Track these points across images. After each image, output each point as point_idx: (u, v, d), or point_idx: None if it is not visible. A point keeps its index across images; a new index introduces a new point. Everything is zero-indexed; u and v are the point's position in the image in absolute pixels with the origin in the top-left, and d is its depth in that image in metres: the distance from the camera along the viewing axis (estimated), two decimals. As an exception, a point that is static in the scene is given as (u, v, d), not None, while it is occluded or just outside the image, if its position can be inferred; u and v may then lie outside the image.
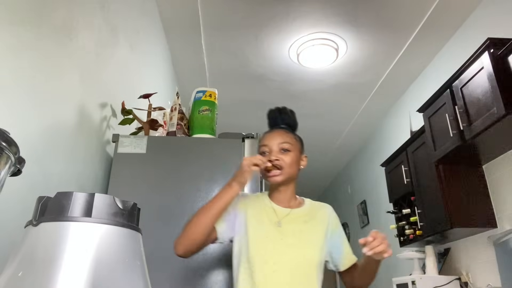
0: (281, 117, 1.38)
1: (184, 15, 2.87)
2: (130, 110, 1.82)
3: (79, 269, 0.46)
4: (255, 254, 1.19)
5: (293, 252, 1.21)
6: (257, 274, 1.17)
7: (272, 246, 1.21)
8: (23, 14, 1.08)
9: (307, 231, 1.27)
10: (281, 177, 1.26)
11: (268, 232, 1.23)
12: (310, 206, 1.36)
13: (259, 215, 1.28)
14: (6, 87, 1.00)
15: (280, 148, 1.29)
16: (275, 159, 1.26)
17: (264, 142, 1.33)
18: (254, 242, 1.21)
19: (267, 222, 1.26)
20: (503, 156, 2.43)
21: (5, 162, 0.58)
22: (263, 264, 1.18)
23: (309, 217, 1.31)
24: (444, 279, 2.71)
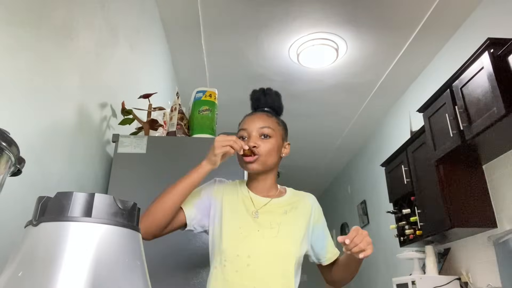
0: (265, 99, 1.27)
1: (184, 15, 2.87)
2: (130, 110, 1.82)
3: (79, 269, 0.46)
4: (227, 246, 1.10)
5: (270, 245, 1.11)
6: (228, 269, 1.08)
7: (247, 238, 1.11)
8: (23, 14, 1.08)
9: (287, 223, 1.17)
10: (257, 165, 1.16)
11: (243, 222, 1.14)
12: (292, 195, 1.26)
13: (235, 204, 1.18)
14: (6, 87, 1.00)
15: (260, 133, 1.18)
16: (252, 145, 1.15)
17: (243, 125, 1.21)
18: (228, 233, 1.11)
19: (243, 212, 1.16)
20: (503, 156, 2.43)
21: (5, 162, 0.58)
22: (235, 258, 1.08)
23: (290, 207, 1.21)
24: (444, 279, 2.71)
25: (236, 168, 1.28)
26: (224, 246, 1.10)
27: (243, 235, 1.11)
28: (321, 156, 5.46)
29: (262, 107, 1.26)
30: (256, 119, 1.21)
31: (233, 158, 1.20)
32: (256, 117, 1.22)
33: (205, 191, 1.19)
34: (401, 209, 3.16)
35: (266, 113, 1.23)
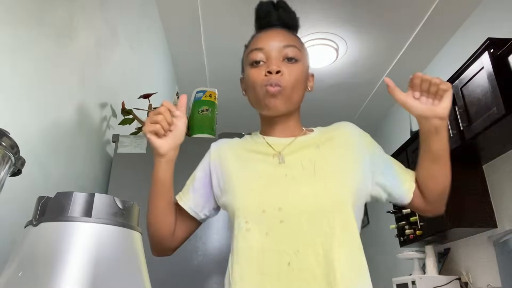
0: (277, 14, 0.93)
1: (184, 15, 2.87)
2: (130, 110, 1.82)
3: (79, 269, 0.46)
4: (248, 201, 0.82)
5: (308, 190, 0.81)
6: (255, 233, 0.78)
7: (272, 186, 0.82)
8: (23, 14, 1.08)
9: (324, 158, 0.86)
10: (282, 101, 0.85)
11: (263, 169, 0.86)
12: (322, 131, 0.96)
13: (245, 155, 0.90)
14: (6, 87, 1.00)
15: (284, 55, 0.86)
16: (276, 69, 0.84)
17: (257, 43, 0.88)
18: (244, 186, 0.84)
19: (260, 159, 0.88)
20: (503, 156, 2.43)
21: (5, 162, 0.58)
22: (261, 215, 0.79)
23: (323, 139, 0.91)
24: (444, 279, 2.71)
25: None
26: (244, 202, 0.82)
27: (266, 184, 0.83)
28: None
29: (275, 24, 0.93)
30: (276, 35, 0.88)
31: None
32: (276, 32, 0.90)
33: (200, 168, 0.96)
34: (401, 209, 3.16)
35: (286, 30, 0.92)
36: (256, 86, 0.86)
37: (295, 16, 0.96)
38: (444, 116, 0.87)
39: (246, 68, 0.91)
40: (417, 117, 0.91)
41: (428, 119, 0.89)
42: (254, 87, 0.86)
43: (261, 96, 0.86)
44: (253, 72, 0.87)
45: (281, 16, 0.93)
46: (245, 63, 0.92)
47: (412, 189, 0.93)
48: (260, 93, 0.85)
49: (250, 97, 0.91)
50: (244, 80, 0.94)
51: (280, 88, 0.84)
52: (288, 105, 0.88)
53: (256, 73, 0.86)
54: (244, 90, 0.96)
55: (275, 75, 0.84)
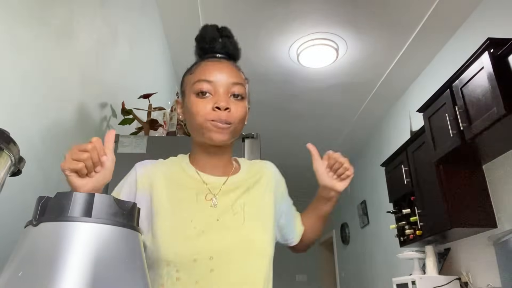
0: (223, 42, 0.93)
1: (184, 15, 2.87)
2: (130, 110, 1.82)
3: (79, 269, 0.46)
4: (179, 250, 0.77)
5: (237, 237, 0.82)
6: (184, 282, 0.76)
7: (205, 234, 0.79)
8: (23, 14, 1.08)
9: (252, 203, 0.88)
10: (228, 135, 0.85)
11: (196, 212, 0.82)
12: (249, 166, 0.96)
13: (177, 190, 0.85)
14: (6, 87, 1.00)
15: (231, 91, 0.86)
16: (225, 106, 0.83)
17: (206, 75, 0.86)
18: (175, 232, 0.79)
19: (193, 198, 0.84)
20: (503, 156, 2.43)
21: (5, 162, 0.58)
22: (192, 264, 0.77)
23: (251, 181, 0.92)
24: (444, 279, 2.71)
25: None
26: (176, 250, 0.77)
27: (199, 230, 0.80)
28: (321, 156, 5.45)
29: (218, 52, 0.92)
30: (225, 70, 0.87)
31: None
32: (224, 66, 0.88)
33: (125, 191, 0.88)
34: (401, 209, 3.16)
35: (232, 63, 0.92)
36: (200, 117, 0.84)
37: (238, 47, 0.97)
38: (340, 192, 0.98)
39: (189, 95, 0.88)
40: (321, 185, 0.98)
41: (327, 190, 0.97)
42: (197, 117, 0.85)
43: (204, 128, 0.85)
44: (199, 102, 0.85)
45: (226, 45, 0.93)
46: (187, 89, 0.89)
47: (301, 232, 1.02)
48: (204, 125, 0.84)
49: (191, 124, 0.89)
50: (183, 105, 0.92)
51: (229, 125, 0.85)
52: (231, 139, 0.88)
53: (202, 104, 0.85)
54: (181, 113, 0.94)
55: (224, 112, 0.84)
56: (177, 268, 0.77)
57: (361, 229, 5.07)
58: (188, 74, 0.92)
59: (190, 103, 0.87)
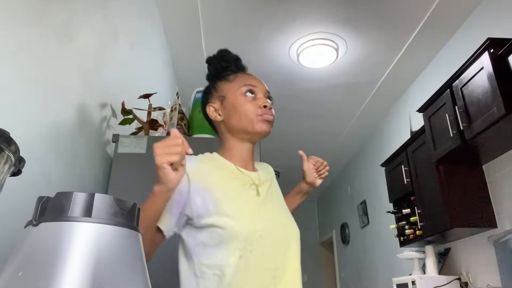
0: (239, 61, 1.16)
1: (184, 15, 2.87)
2: (130, 110, 1.82)
3: (79, 269, 0.46)
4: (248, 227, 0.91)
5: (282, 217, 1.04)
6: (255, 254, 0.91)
7: (260, 214, 0.97)
8: (23, 14, 1.08)
9: (278, 193, 1.12)
10: (271, 128, 1.05)
11: (250, 199, 0.99)
12: (260, 166, 1.16)
13: (229, 182, 0.99)
14: (6, 87, 1.00)
15: (267, 96, 1.08)
16: (270, 106, 1.05)
17: (249, 81, 1.07)
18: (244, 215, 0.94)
19: (242, 188, 1.00)
20: (503, 156, 2.43)
21: (5, 162, 0.58)
22: (259, 238, 0.92)
23: (270, 177, 1.12)
24: (444, 279, 2.71)
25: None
26: (248, 228, 0.91)
27: (255, 211, 0.97)
28: (321, 156, 5.34)
29: (243, 69, 1.15)
30: (259, 80, 1.10)
31: None
32: (257, 78, 1.12)
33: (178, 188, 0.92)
34: (401, 209, 3.16)
35: None
36: (250, 113, 1.02)
37: None
38: (316, 187, 1.29)
39: (234, 96, 1.05)
40: (306, 182, 1.26)
41: (308, 185, 1.27)
42: (249, 113, 1.02)
43: (255, 122, 1.02)
44: (247, 100, 1.04)
45: (242, 64, 1.17)
46: (231, 93, 1.06)
47: None
48: (254, 119, 1.02)
49: (239, 120, 1.03)
50: (222, 107, 1.07)
51: (273, 118, 1.05)
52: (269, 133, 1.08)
53: (251, 103, 1.03)
54: (219, 115, 1.07)
55: (269, 110, 1.05)
56: (250, 242, 0.91)
57: (361, 229, 5.07)
58: (225, 82, 1.09)
59: (238, 103, 1.04)
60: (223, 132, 1.08)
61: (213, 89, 1.10)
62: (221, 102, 1.07)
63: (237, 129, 1.04)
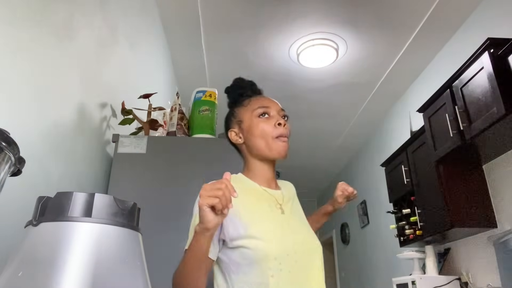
0: (255, 86, 1.23)
1: (184, 15, 2.87)
2: (130, 110, 1.82)
3: (79, 269, 0.46)
4: (277, 247, 0.97)
5: (305, 237, 1.07)
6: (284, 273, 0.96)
7: (285, 234, 1.02)
8: (23, 14, 1.08)
9: (300, 212, 1.16)
10: (288, 147, 1.10)
11: (276, 219, 1.04)
12: (281, 184, 1.21)
13: (253, 205, 1.04)
14: (6, 87, 1.00)
15: (282, 114, 1.13)
16: (284, 123, 1.09)
17: (262, 103, 1.13)
18: (273, 235, 0.99)
19: (268, 209, 1.06)
20: (503, 156, 2.43)
21: (5, 162, 0.58)
22: (286, 257, 0.98)
23: (291, 195, 1.18)
24: (444, 279, 2.71)
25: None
26: (276, 246, 0.97)
27: (282, 231, 1.02)
28: (321, 156, 5.46)
29: (259, 93, 1.22)
30: (273, 101, 1.15)
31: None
32: (271, 99, 1.16)
33: None
34: (401, 209, 3.16)
35: None
36: (267, 135, 1.08)
37: None
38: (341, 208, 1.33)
39: (250, 119, 1.11)
40: (334, 207, 1.31)
41: (333, 208, 1.31)
42: (264, 136, 1.08)
43: (272, 144, 1.08)
44: (262, 121, 1.10)
45: (258, 88, 1.23)
46: (247, 116, 1.12)
47: None
48: (270, 141, 1.08)
49: (258, 143, 1.09)
50: (241, 130, 1.13)
51: (287, 139, 1.10)
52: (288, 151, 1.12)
53: (265, 123, 1.09)
54: (240, 138, 1.14)
55: (283, 127, 1.09)
56: (279, 261, 0.96)
57: (361, 229, 5.07)
58: (241, 107, 1.16)
59: (254, 125, 1.11)
60: (245, 153, 1.15)
61: (232, 116, 1.18)
62: (239, 126, 1.14)
63: (256, 150, 1.10)
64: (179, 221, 1.53)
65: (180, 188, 1.60)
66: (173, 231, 1.50)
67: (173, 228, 1.51)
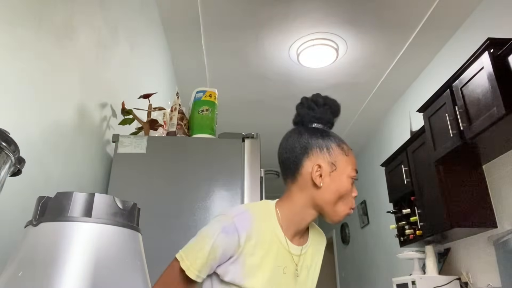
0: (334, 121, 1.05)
1: (184, 15, 2.87)
2: (130, 110, 1.82)
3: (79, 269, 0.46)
4: None
5: None
6: None
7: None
8: (23, 14, 1.08)
9: (315, 272, 1.05)
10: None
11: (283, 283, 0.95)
12: (312, 236, 1.07)
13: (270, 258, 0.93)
14: (6, 87, 1.00)
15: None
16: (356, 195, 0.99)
17: (355, 165, 0.98)
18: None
19: (280, 269, 0.94)
20: (503, 156, 2.43)
21: (5, 162, 0.58)
22: None
23: (315, 250, 1.06)
24: (444, 279, 2.71)
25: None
26: None
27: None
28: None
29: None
30: None
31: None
32: None
33: (221, 249, 0.89)
34: (401, 209, 3.16)
35: None
36: (347, 198, 0.95)
37: None
38: None
39: (342, 174, 0.95)
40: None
41: None
42: (344, 197, 0.94)
43: (342, 211, 0.95)
44: (351, 187, 0.96)
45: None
46: (342, 167, 0.95)
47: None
48: (342, 207, 0.95)
49: (331, 199, 0.94)
50: (327, 174, 0.95)
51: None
52: None
53: (352, 188, 0.96)
54: (320, 178, 0.94)
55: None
56: None
57: (361, 229, 5.07)
58: (340, 150, 0.97)
59: (344, 185, 0.94)
60: (305, 194, 0.96)
61: (325, 148, 0.96)
62: (330, 169, 0.95)
63: (324, 202, 0.94)
64: (179, 221, 1.53)
65: (180, 188, 1.60)
66: (173, 231, 1.50)
67: (173, 228, 1.51)
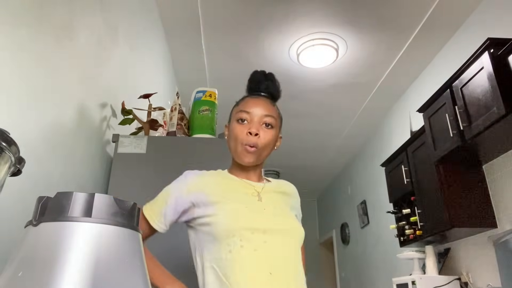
0: (266, 84, 1.17)
1: (184, 15, 2.87)
2: (130, 110, 1.82)
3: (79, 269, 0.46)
4: (243, 223, 1.00)
5: (281, 223, 1.06)
6: (246, 249, 0.98)
7: (257, 214, 1.04)
8: (23, 14, 1.08)
9: (286, 205, 1.14)
10: (254, 158, 1.08)
11: (248, 202, 1.06)
12: (277, 182, 1.21)
13: (229, 189, 1.08)
14: (6, 87, 1.00)
15: (263, 121, 1.09)
16: (255, 132, 1.06)
17: (245, 107, 1.10)
18: (236, 211, 1.02)
19: (243, 193, 1.08)
20: (503, 156, 2.43)
21: (5, 162, 0.58)
22: (251, 235, 0.99)
23: (281, 190, 1.17)
24: (444, 279, 2.71)
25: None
26: (237, 225, 0.99)
27: (252, 212, 1.04)
28: (321, 156, 5.45)
29: (262, 92, 1.17)
30: (261, 104, 1.11)
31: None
32: (261, 102, 1.12)
33: (174, 195, 1.06)
34: (401, 209, 3.16)
35: (269, 100, 1.15)
36: (237, 140, 1.08)
37: (279, 89, 1.21)
38: None
39: (232, 122, 1.12)
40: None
41: None
42: (236, 140, 1.09)
43: (239, 150, 1.08)
44: (238, 127, 1.09)
45: (269, 86, 1.18)
46: (232, 117, 1.14)
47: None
48: (238, 147, 1.08)
49: (230, 145, 1.12)
50: (228, 129, 1.15)
51: (255, 149, 1.07)
52: (257, 161, 1.10)
53: (240, 129, 1.09)
54: (226, 135, 1.16)
55: (254, 137, 1.07)
56: (240, 238, 0.99)
57: (361, 229, 5.07)
58: (235, 106, 1.16)
59: (232, 128, 1.12)
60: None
61: (231, 111, 1.18)
62: (228, 124, 1.17)
63: (230, 151, 1.14)
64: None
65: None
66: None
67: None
